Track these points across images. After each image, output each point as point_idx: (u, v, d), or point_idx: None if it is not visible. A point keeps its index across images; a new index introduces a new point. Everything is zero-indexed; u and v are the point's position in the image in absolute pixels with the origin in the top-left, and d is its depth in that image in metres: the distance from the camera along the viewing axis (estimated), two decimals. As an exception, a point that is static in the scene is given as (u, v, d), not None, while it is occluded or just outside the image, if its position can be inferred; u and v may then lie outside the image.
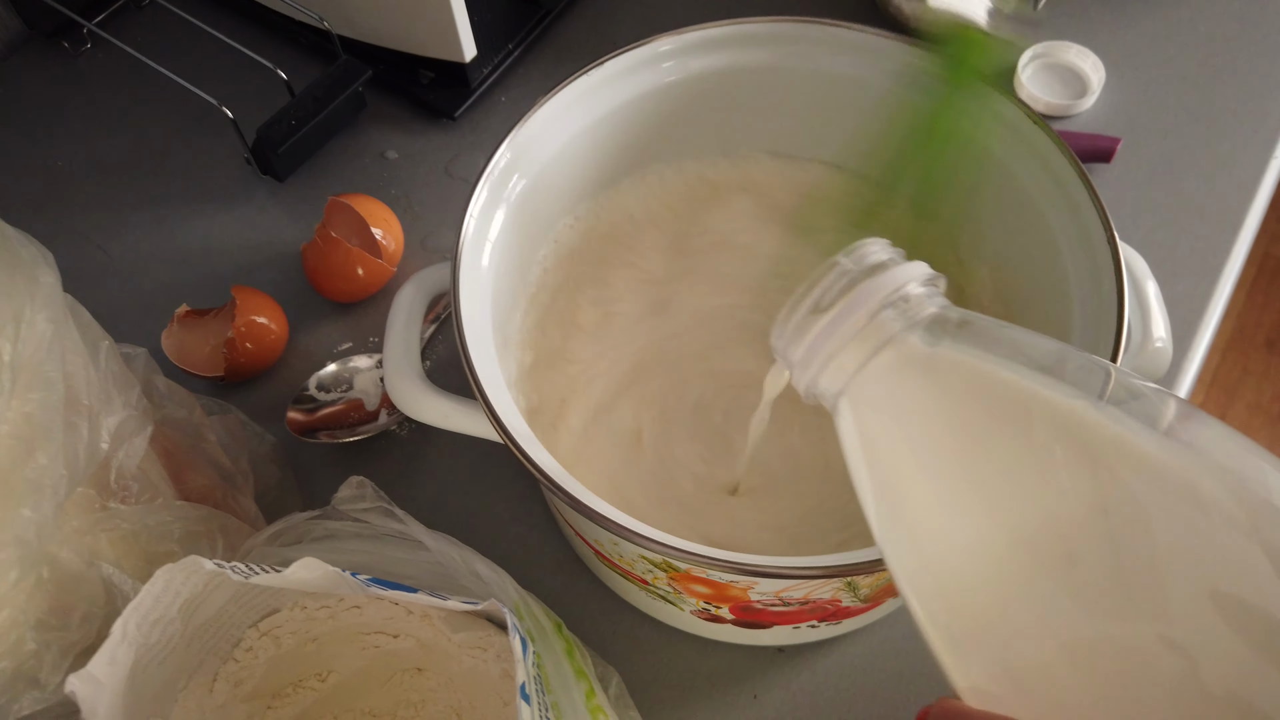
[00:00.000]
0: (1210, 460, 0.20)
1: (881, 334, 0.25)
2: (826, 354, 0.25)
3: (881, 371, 0.25)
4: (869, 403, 0.25)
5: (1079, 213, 0.38)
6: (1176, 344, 0.52)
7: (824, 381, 0.26)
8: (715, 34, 0.44)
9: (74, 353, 0.35)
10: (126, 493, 0.39)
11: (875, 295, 0.25)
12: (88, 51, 0.67)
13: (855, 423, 0.25)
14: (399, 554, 0.40)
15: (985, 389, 0.23)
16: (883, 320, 0.25)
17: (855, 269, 0.26)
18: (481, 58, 0.61)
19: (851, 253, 0.26)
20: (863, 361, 0.25)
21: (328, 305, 0.56)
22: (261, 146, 0.57)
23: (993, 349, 0.24)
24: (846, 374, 0.25)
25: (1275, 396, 1.41)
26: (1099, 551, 0.20)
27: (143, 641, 0.34)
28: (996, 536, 0.21)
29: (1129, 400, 0.22)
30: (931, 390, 0.24)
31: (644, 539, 0.33)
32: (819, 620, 0.40)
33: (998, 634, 0.21)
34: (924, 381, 0.24)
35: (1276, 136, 0.59)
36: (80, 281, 0.58)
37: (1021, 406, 0.22)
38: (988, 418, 0.23)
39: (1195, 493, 0.20)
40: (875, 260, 0.26)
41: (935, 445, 0.23)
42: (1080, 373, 0.23)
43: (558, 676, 0.38)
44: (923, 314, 0.25)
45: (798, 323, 0.26)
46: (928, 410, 0.24)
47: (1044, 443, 0.22)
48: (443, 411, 0.40)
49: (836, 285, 0.26)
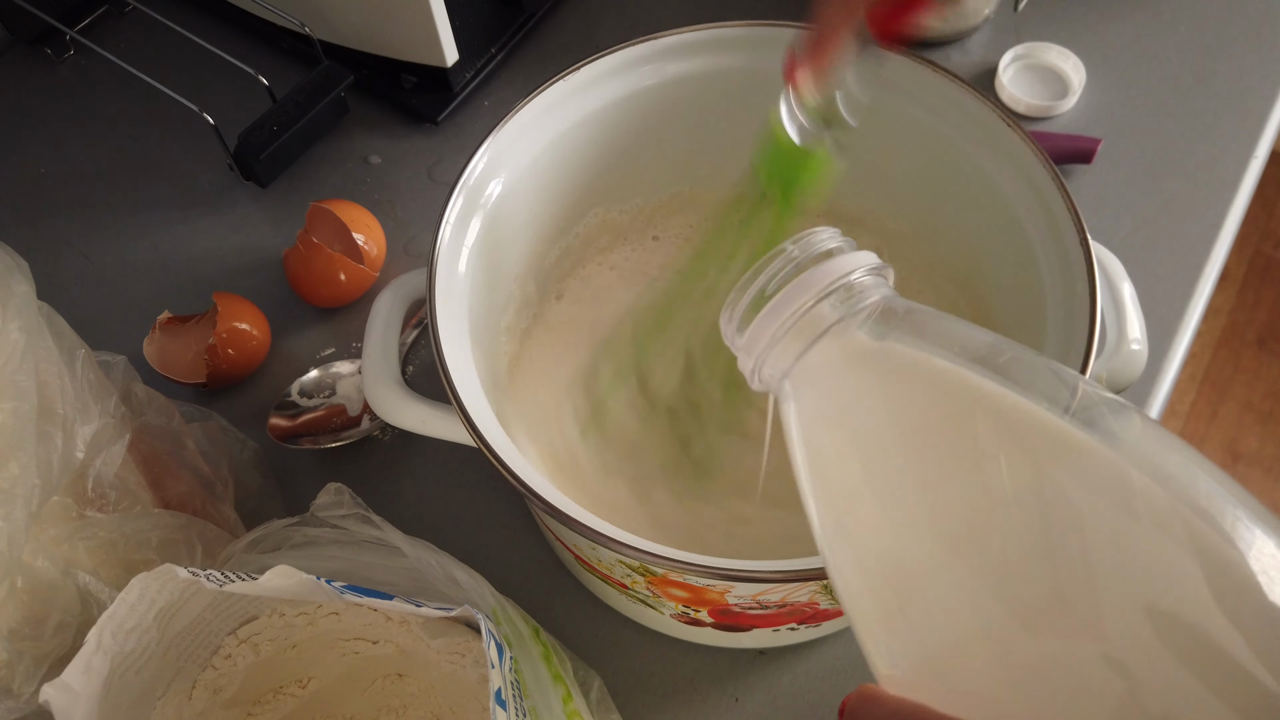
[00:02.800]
0: (1150, 467, 0.20)
1: (822, 321, 0.25)
2: (769, 339, 0.25)
3: (822, 359, 0.25)
4: (809, 389, 0.25)
5: (1052, 215, 0.38)
6: (1157, 344, 0.52)
7: (767, 367, 0.26)
8: (691, 38, 0.44)
9: (48, 361, 0.35)
10: (104, 501, 0.39)
11: (819, 282, 0.25)
12: (70, 58, 0.67)
13: (795, 409, 0.25)
14: (377, 560, 0.40)
15: (923, 382, 0.23)
16: (823, 308, 0.25)
17: (802, 256, 0.26)
18: (464, 62, 0.61)
19: (800, 240, 0.26)
20: (803, 348, 0.25)
21: (310, 311, 0.56)
22: (243, 152, 0.57)
23: (935, 340, 0.24)
24: (788, 360, 0.25)
25: (1266, 394, 1.41)
26: (1028, 553, 0.20)
27: (118, 650, 0.34)
28: (925, 528, 0.22)
29: (1070, 399, 0.22)
30: (869, 380, 0.24)
31: (618, 544, 0.33)
32: (798, 623, 0.40)
33: (919, 624, 0.21)
34: (862, 371, 0.24)
35: (1256, 137, 0.59)
36: (62, 288, 0.58)
37: (959, 401, 0.22)
38: (923, 411, 0.23)
39: (1131, 500, 0.20)
40: (823, 248, 0.26)
41: (870, 434, 0.23)
42: (1020, 370, 0.23)
43: (535, 681, 0.38)
44: (865, 302, 0.25)
45: (743, 308, 0.26)
46: (864, 400, 0.24)
47: (978, 437, 0.22)
48: (421, 417, 0.40)
49: (782, 271, 0.26)
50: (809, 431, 0.25)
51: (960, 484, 0.21)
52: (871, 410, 0.24)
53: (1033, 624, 0.19)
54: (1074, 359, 0.34)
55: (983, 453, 0.21)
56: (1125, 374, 0.38)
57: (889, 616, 0.22)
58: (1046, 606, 0.19)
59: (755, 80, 0.45)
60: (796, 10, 0.41)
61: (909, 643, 0.21)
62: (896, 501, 0.22)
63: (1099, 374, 0.37)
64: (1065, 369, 0.24)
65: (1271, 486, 1.34)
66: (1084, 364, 0.34)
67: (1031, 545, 0.20)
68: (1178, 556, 0.19)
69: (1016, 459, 0.21)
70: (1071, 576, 0.19)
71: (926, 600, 0.21)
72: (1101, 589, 0.19)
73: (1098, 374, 0.37)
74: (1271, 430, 1.38)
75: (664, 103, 0.46)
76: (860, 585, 0.23)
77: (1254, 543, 0.19)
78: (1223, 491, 0.20)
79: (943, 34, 0.63)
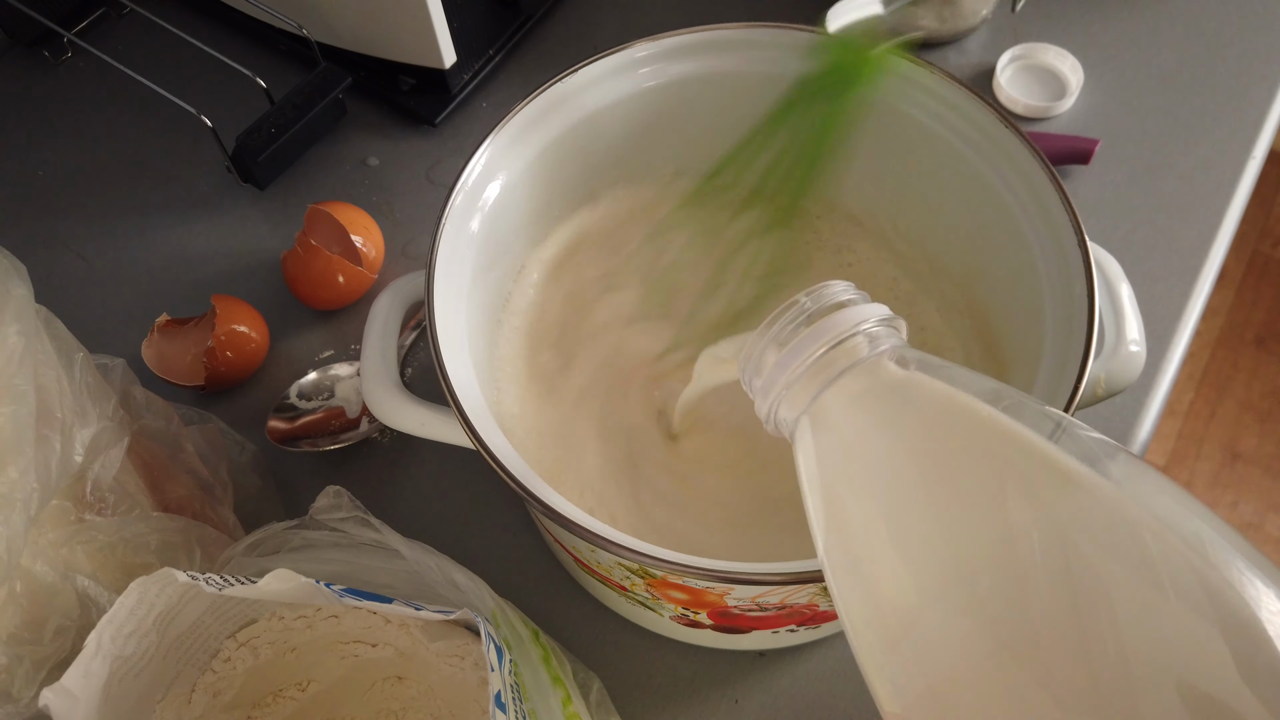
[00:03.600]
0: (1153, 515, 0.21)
1: (836, 366, 0.26)
2: (783, 384, 0.27)
3: (834, 402, 0.26)
4: (822, 432, 0.26)
5: (1050, 217, 0.38)
6: (1155, 344, 0.52)
7: (782, 410, 0.27)
8: (689, 40, 0.44)
9: (47, 365, 0.35)
10: (103, 504, 0.39)
11: (831, 331, 0.26)
12: (68, 60, 0.67)
13: (807, 451, 0.26)
14: (376, 563, 0.40)
15: (939, 436, 0.24)
16: (837, 354, 0.26)
17: (814, 307, 0.27)
18: (462, 63, 0.61)
19: (813, 292, 0.28)
20: (817, 391, 0.26)
21: (309, 313, 0.56)
22: (241, 155, 0.57)
23: (949, 393, 0.25)
24: (801, 404, 0.26)
25: (1265, 393, 1.41)
26: (1046, 605, 0.20)
27: (117, 654, 0.34)
28: (939, 569, 0.22)
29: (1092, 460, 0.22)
30: (882, 423, 0.25)
31: (617, 546, 0.33)
32: (798, 625, 0.40)
33: (925, 664, 0.22)
34: (876, 413, 0.25)
35: (1254, 137, 0.59)
36: (61, 291, 0.58)
37: (978, 458, 0.23)
38: (938, 455, 0.24)
39: (1162, 575, 0.20)
40: (835, 300, 0.27)
41: (881, 476, 0.24)
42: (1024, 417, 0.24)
43: (535, 684, 0.38)
44: (875, 352, 0.26)
45: (759, 354, 0.28)
46: (878, 442, 0.25)
47: (994, 478, 0.22)
48: (419, 420, 0.40)
49: (795, 321, 0.27)
50: (823, 473, 0.26)
51: (975, 526, 0.22)
52: (890, 455, 0.24)
53: (1046, 678, 0.20)
54: (1073, 360, 0.34)
55: (996, 494, 0.22)
56: (1124, 375, 0.38)
57: (895, 653, 0.22)
58: (1065, 666, 0.20)
59: (753, 81, 0.45)
60: (792, 12, 0.41)
61: (915, 682, 0.22)
62: (909, 539, 0.23)
63: (1098, 375, 0.37)
64: (1066, 416, 0.24)
65: (1270, 486, 1.34)
66: (1082, 365, 0.34)
67: (1049, 598, 0.20)
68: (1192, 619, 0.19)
69: (1028, 502, 0.22)
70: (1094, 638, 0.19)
71: (933, 640, 0.21)
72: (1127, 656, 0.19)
73: (1096, 375, 0.37)
74: (1270, 429, 1.38)
75: (662, 104, 0.46)
76: (868, 622, 0.23)
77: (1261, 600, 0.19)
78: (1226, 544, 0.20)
79: (940, 35, 0.63)
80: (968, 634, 0.21)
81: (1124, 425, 0.50)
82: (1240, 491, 1.34)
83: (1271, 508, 1.33)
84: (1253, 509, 1.33)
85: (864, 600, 0.23)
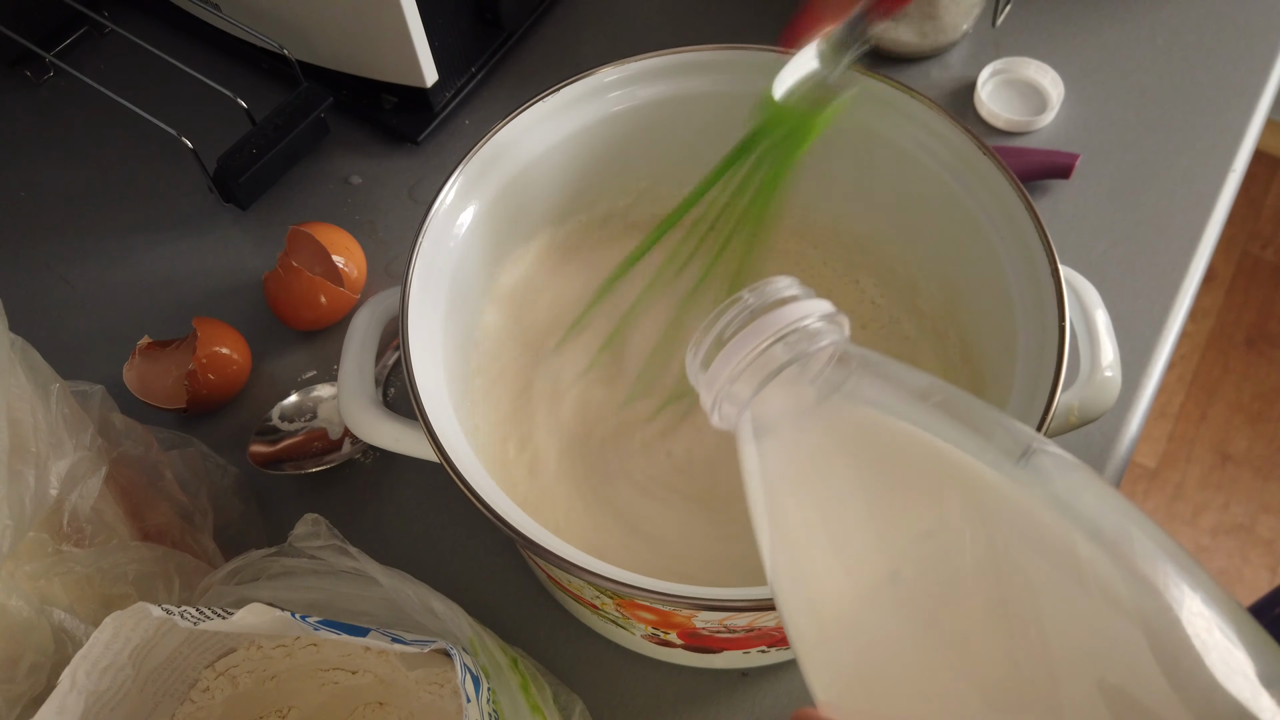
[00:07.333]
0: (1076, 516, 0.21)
1: (775, 361, 0.26)
2: (723, 382, 0.27)
3: (772, 403, 0.26)
4: (761, 431, 0.26)
5: (1025, 242, 0.38)
6: (1135, 358, 0.52)
7: (726, 404, 0.27)
8: (666, 62, 0.44)
9: (20, 398, 0.35)
10: (80, 535, 0.39)
11: (773, 325, 0.26)
12: (50, 80, 0.67)
13: (748, 447, 0.27)
14: (354, 590, 0.40)
15: (871, 433, 0.25)
16: (777, 350, 0.26)
17: (757, 303, 0.27)
18: (444, 81, 0.61)
19: (756, 288, 0.28)
20: (758, 385, 0.26)
21: (291, 334, 0.56)
22: (223, 175, 0.57)
23: (886, 389, 0.25)
24: (741, 402, 0.27)
25: (1255, 395, 1.41)
26: (974, 614, 0.21)
27: (92, 689, 0.34)
28: (862, 570, 0.23)
29: (1022, 455, 0.23)
30: (817, 421, 0.25)
31: (576, 567, 0.33)
32: (768, 645, 0.40)
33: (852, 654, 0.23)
34: (811, 411, 0.26)
35: (1234, 150, 0.59)
36: (42, 313, 0.58)
37: (905, 455, 0.24)
38: (869, 461, 0.24)
39: (1080, 569, 0.20)
40: (778, 295, 0.27)
41: (815, 474, 0.25)
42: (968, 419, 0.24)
43: (513, 711, 0.38)
44: (817, 345, 0.26)
45: (705, 348, 0.28)
46: (812, 439, 0.25)
47: (923, 490, 0.23)
48: (394, 435, 0.40)
49: (738, 318, 0.27)
50: (763, 472, 0.26)
51: (902, 524, 0.23)
52: (824, 459, 0.25)
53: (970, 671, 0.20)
54: (1042, 389, 0.34)
55: (921, 493, 0.23)
56: (1099, 402, 0.38)
57: (824, 646, 0.23)
58: (988, 660, 0.20)
59: (729, 103, 0.45)
60: (772, 32, 0.41)
61: (843, 671, 0.23)
62: (841, 535, 0.24)
63: (1071, 404, 0.37)
64: (1013, 421, 0.25)
65: (1261, 487, 1.34)
66: (1051, 393, 0.34)
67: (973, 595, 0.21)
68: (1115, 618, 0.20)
69: (951, 508, 0.22)
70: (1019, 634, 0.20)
71: (858, 632, 0.22)
72: (1050, 651, 0.19)
73: (1070, 404, 0.37)
74: (1261, 431, 1.38)
75: (639, 125, 0.46)
76: (802, 617, 0.24)
77: (1184, 601, 0.19)
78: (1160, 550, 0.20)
79: (921, 49, 0.63)
80: (895, 626, 0.22)
81: (1104, 443, 0.50)
82: (1231, 493, 1.34)
83: (1262, 509, 1.33)
84: (1243, 510, 1.33)
85: (798, 591, 0.24)
